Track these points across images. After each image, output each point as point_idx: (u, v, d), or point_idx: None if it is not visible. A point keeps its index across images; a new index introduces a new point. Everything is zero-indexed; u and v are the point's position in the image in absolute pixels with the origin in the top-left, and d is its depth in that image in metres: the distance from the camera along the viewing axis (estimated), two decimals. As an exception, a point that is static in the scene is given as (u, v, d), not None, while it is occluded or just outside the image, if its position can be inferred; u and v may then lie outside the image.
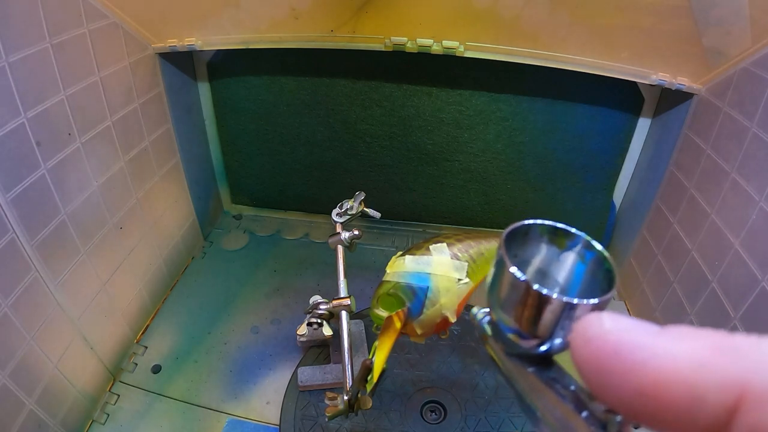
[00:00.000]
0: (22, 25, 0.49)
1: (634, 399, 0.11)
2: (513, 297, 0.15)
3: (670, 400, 0.10)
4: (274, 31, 0.72)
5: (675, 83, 0.67)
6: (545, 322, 0.15)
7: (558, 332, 0.15)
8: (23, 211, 0.51)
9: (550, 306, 0.15)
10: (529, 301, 0.15)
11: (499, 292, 0.16)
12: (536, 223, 0.17)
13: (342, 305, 0.57)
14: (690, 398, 0.10)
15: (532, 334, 0.15)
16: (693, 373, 0.10)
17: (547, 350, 0.16)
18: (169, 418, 0.65)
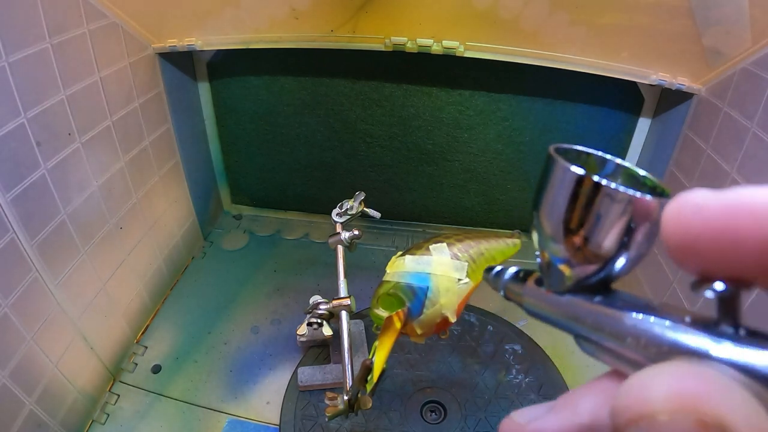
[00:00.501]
0: (22, 25, 0.49)
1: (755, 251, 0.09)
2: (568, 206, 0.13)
3: None
4: (274, 31, 0.72)
5: (675, 83, 0.67)
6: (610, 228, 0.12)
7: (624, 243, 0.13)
8: (23, 211, 0.51)
9: (617, 204, 0.12)
10: (590, 201, 0.12)
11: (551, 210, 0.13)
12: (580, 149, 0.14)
13: (342, 305, 0.57)
14: None
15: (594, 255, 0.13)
16: None
17: (611, 272, 0.13)
18: (169, 418, 0.65)
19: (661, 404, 0.09)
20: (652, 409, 0.09)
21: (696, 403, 0.09)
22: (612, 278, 0.14)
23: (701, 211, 0.10)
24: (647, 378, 0.10)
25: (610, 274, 0.13)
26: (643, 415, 0.09)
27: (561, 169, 0.13)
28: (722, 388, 0.09)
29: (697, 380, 0.09)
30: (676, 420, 0.09)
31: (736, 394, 0.09)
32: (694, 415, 0.09)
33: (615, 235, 0.12)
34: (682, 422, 0.09)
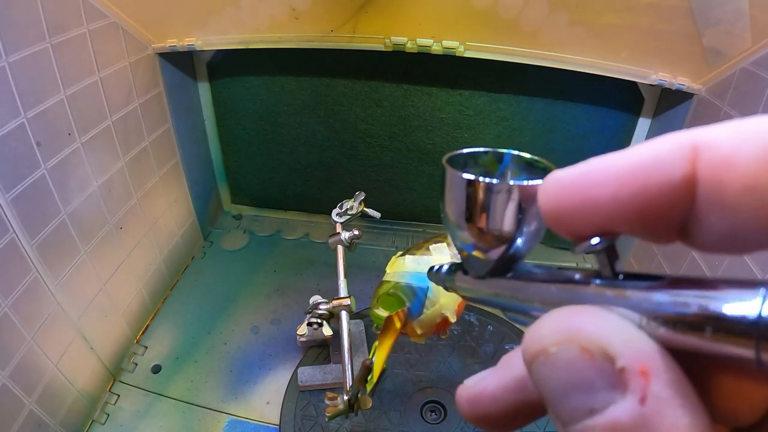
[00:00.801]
0: (22, 25, 0.49)
1: (616, 199, 0.11)
2: (466, 204, 0.15)
3: (646, 179, 0.11)
4: (274, 31, 0.72)
5: (675, 83, 0.67)
6: (509, 214, 0.15)
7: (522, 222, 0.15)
8: (23, 211, 0.51)
9: (501, 194, 0.15)
10: (480, 197, 0.15)
11: (453, 209, 0.16)
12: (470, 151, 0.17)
13: (342, 305, 0.57)
14: (660, 166, 0.11)
15: (495, 239, 0.15)
16: (654, 150, 0.11)
17: (516, 250, 0.16)
18: (169, 418, 0.65)
19: (550, 339, 0.11)
20: (544, 345, 0.11)
21: (577, 334, 0.11)
22: (521, 255, 0.16)
23: (560, 182, 0.12)
24: (541, 322, 0.12)
25: (518, 252, 0.16)
26: (540, 351, 0.11)
27: (450, 174, 0.15)
28: (599, 319, 0.11)
29: (578, 316, 0.12)
30: (564, 350, 0.11)
31: (611, 321, 0.11)
32: (577, 343, 0.11)
33: (509, 218, 0.15)
34: (569, 351, 0.11)
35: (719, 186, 0.10)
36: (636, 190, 0.11)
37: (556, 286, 0.13)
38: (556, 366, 0.11)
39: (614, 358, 0.11)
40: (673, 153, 0.11)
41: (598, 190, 0.11)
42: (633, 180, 0.11)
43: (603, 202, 0.11)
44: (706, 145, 0.10)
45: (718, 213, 0.10)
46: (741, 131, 0.10)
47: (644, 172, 0.11)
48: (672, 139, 0.11)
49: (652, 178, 0.11)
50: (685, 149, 0.11)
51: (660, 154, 0.11)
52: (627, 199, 0.11)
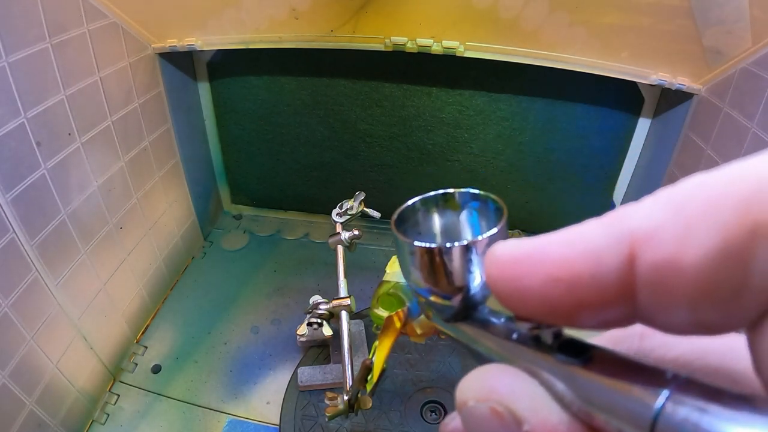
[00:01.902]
0: (22, 25, 0.49)
1: (549, 294, 0.11)
2: (420, 265, 0.16)
3: (575, 277, 0.10)
4: (274, 31, 0.72)
5: (675, 83, 0.67)
6: (456, 272, 0.15)
7: (471, 277, 0.15)
8: (23, 211, 0.51)
9: (451, 256, 0.15)
10: (432, 260, 0.15)
11: (410, 268, 0.16)
12: (417, 199, 0.17)
13: (342, 305, 0.57)
14: (590, 266, 0.10)
15: (452, 291, 0.16)
16: (586, 244, 0.10)
17: (472, 298, 0.16)
18: (169, 418, 0.65)
19: (470, 394, 0.12)
20: (466, 398, 0.12)
21: (490, 394, 0.12)
22: (477, 302, 0.16)
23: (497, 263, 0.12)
24: (469, 375, 0.13)
25: (474, 298, 0.16)
26: (463, 402, 0.12)
27: (405, 247, 0.16)
28: (517, 383, 0.12)
29: (498, 377, 0.12)
30: (479, 407, 0.12)
31: (527, 387, 0.12)
32: (489, 403, 0.12)
33: (461, 271, 0.15)
34: (481, 408, 0.12)
35: (664, 291, 0.09)
36: (566, 291, 0.10)
37: (502, 341, 0.14)
38: (473, 419, 0.12)
39: (521, 422, 0.11)
40: (607, 251, 0.10)
41: (530, 283, 0.11)
42: (564, 278, 0.10)
43: (534, 296, 0.11)
44: (644, 242, 0.09)
45: (664, 316, 0.10)
46: (686, 219, 0.09)
47: (575, 270, 0.10)
48: (607, 231, 0.10)
49: (584, 279, 0.10)
50: (622, 245, 0.10)
51: (593, 250, 0.10)
52: (558, 298, 0.11)
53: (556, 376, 0.12)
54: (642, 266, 0.10)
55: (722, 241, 0.08)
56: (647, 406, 0.09)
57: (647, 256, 0.09)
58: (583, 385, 0.11)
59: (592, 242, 0.10)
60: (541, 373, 0.12)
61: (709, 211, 0.09)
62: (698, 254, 0.09)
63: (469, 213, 0.17)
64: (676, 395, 0.09)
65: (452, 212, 0.18)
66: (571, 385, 0.11)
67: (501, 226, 0.15)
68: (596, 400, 0.11)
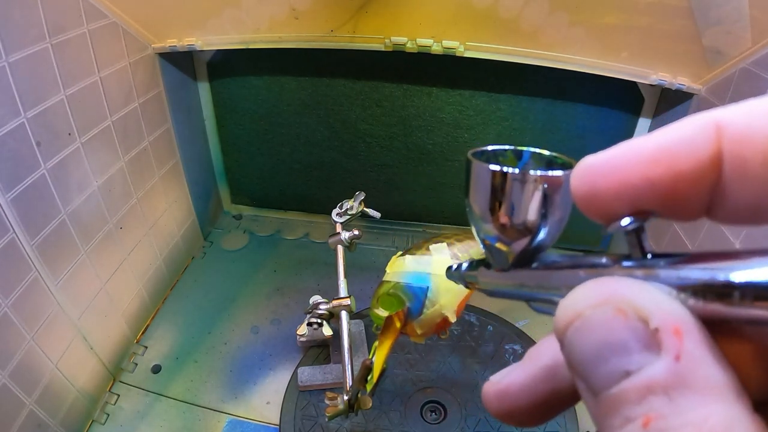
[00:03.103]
0: (22, 25, 0.49)
1: (649, 177, 0.12)
2: (491, 196, 0.15)
3: (673, 155, 0.12)
4: (274, 31, 0.72)
5: (675, 83, 0.67)
6: (534, 204, 0.15)
7: (547, 213, 0.15)
8: (23, 211, 0.51)
9: (524, 185, 0.15)
10: (505, 188, 0.15)
11: (477, 201, 0.16)
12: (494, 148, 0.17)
13: (342, 305, 0.57)
14: (686, 143, 0.12)
15: (519, 231, 0.15)
16: (680, 131, 0.12)
17: (540, 241, 0.16)
18: (169, 418, 0.65)
19: (585, 303, 0.12)
20: (579, 310, 0.12)
21: (612, 296, 0.12)
22: (545, 246, 0.16)
23: (592, 165, 0.13)
24: (575, 291, 0.12)
25: (542, 243, 0.16)
26: (575, 316, 0.12)
27: (476, 166, 0.16)
28: (632, 285, 0.12)
29: (612, 283, 0.12)
30: (599, 312, 0.11)
31: (643, 287, 0.12)
32: (612, 305, 0.11)
33: (533, 209, 0.15)
34: (604, 312, 0.11)
35: (742, 161, 0.11)
36: (666, 170, 0.12)
37: (584, 270, 0.14)
38: (591, 328, 0.11)
39: (648, 318, 0.11)
40: (699, 133, 0.11)
41: (630, 171, 0.12)
42: (663, 160, 0.12)
43: (635, 183, 0.12)
44: (728, 123, 0.11)
45: (741, 186, 0.11)
46: (758, 109, 0.11)
47: (673, 152, 0.12)
48: (696, 120, 0.12)
49: (681, 157, 0.12)
50: (710, 129, 0.11)
51: (687, 135, 0.12)
52: (658, 179, 0.12)
53: (666, 279, 0.12)
54: (726, 142, 0.11)
55: None
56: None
57: (730, 133, 0.11)
58: (693, 276, 0.11)
59: (685, 129, 0.12)
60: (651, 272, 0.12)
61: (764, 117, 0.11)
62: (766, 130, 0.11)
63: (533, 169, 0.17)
64: None
65: None
66: (685, 280, 0.11)
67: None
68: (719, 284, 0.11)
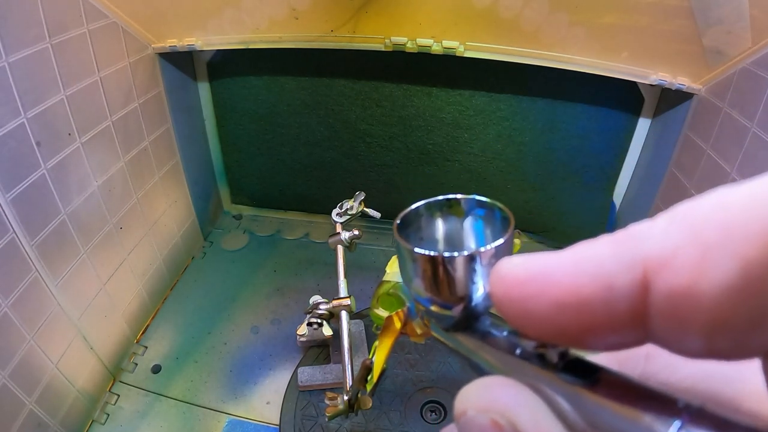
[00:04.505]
0: (22, 25, 0.49)
1: (553, 318, 0.10)
2: (422, 272, 0.15)
3: (585, 302, 0.10)
4: (274, 31, 0.72)
5: (675, 83, 0.67)
6: (459, 282, 0.15)
7: (474, 287, 0.15)
8: (23, 211, 0.51)
9: (454, 265, 0.15)
10: (435, 269, 0.15)
11: (411, 275, 0.16)
12: (421, 204, 0.17)
13: (342, 305, 0.57)
14: (601, 291, 0.10)
15: (454, 300, 0.15)
16: (596, 268, 0.10)
17: (473, 308, 0.16)
18: (169, 418, 0.65)
19: (470, 403, 0.12)
20: (466, 407, 0.12)
21: (492, 405, 0.12)
22: (479, 312, 0.16)
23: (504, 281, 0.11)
24: (470, 385, 0.13)
25: (476, 309, 0.16)
26: (462, 411, 0.12)
27: (408, 254, 0.15)
28: (520, 397, 0.12)
29: (501, 388, 0.12)
30: (480, 418, 0.12)
31: (531, 402, 0.11)
32: (489, 414, 0.12)
33: (464, 281, 0.15)
34: (480, 419, 0.12)
35: (679, 320, 0.09)
36: (575, 316, 0.10)
37: (504, 355, 0.14)
38: (472, 429, 0.12)
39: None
40: (619, 276, 0.09)
41: (536, 306, 0.11)
42: (572, 303, 0.10)
43: (541, 319, 0.11)
44: (658, 268, 0.09)
45: (679, 342, 0.09)
46: (704, 245, 0.08)
47: (585, 296, 0.10)
48: (619, 253, 0.10)
49: (594, 305, 0.10)
50: (635, 271, 0.09)
51: (604, 275, 0.10)
52: (566, 323, 0.10)
53: (561, 396, 0.11)
54: (656, 294, 0.09)
55: (742, 271, 0.08)
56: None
57: (662, 284, 0.09)
58: (589, 407, 0.11)
59: (602, 266, 0.10)
60: (546, 391, 0.12)
61: (729, 237, 0.08)
62: (716, 285, 0.08)
63: (474, 220, 0.17)
64: (688, 426, 0.09)
65: (456, 218, 0.17)
66: (576, 406, 0.11)
67: (507, 237, 0.15)
68: (603, 425, 0.10)
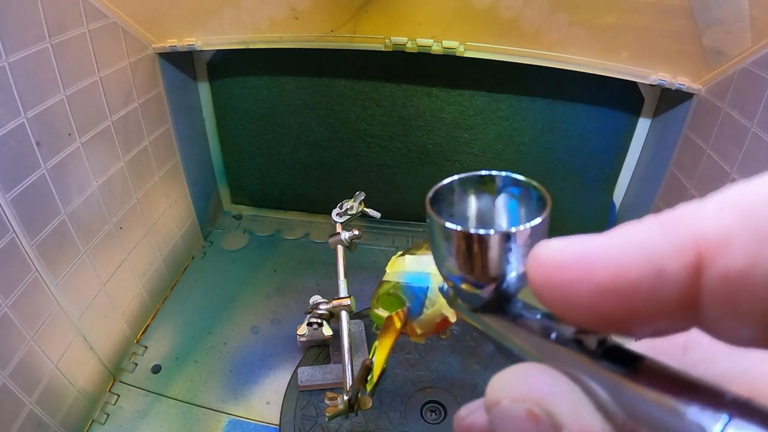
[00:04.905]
0: (22, 25, 0.49)
1: (597, 305, 0.10)
2: (454, 250, 0.15)
3: (632, 287, 0.09)
4: (274, 31, 0.72)
5: (675, 83, 0.67)
6: (492, 261, 0.14)
7: (508, 268, 0.15)
8: (23, 211, 0.51)
9: (489, 244, 0.14)
10: (468, 247, 0.14)
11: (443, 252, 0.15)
12: (455, 178, 0.17)
13: (342, 305, 0.57)
14: (650, 276, 0.09)
15: (486, 280, 0.15)
16: (645, 250, 0.09)
17: (505, 290, 0.15)
18: (169, 418, 0.65)
19: (505, 392, 0.12)
20: (499, 396, 0.12)
21: (529, 394, 0.11)
22: (511, 293, 0.15)
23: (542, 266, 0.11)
24: (503, 373, 0.12)
25: (507, 290, 0.15)
26: (495, 401, 0.12)
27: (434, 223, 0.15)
28: (558, 386, 0.11)
29: (538, 377, 0.11)
30: (516, 407, 0.11)
31: (569, 391, 0.11)
32: (526, 404, 0.11)
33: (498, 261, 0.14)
34: (518, 409, 0.11)
35: (734, 305, 0.08)
36: (621, 301, 0.09)
37: (538, 340, 0.13)
38: (506, 419, 0.11)
39: (560, 427, 0.10)
40: (670, 259, 0.09)
41: (579, 291, 0.10)
42: (619, 288, 0.09)
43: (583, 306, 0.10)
44: (714, 251, 0.08)
45: (732, 329, 0.09)
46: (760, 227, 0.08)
47: (632, 280, 0.09)
48: (669, 234, 0.09)
49: (642, 289, 0.09)
50: (687, 253, 0.09)
51: (654, 258, 0.09)
52: (611, 309, 0.10)
53: (601, 385, 0.11)
54: (710, 278, 0.09)
55: None
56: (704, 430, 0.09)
57: (717, 268, 0.08)
58: (630, 397, 0.10)
59: (652, 248, 0.09)
60: (584, 379, 0.11)
61: None
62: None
63: (508, 198, 0.16)
64: (736, 420, 0.09)
65: (489, 196, 0.17)
66: (617, 396, 0.10)
67: (545, 217, 0.14)
68: (645, 416, 0.10)
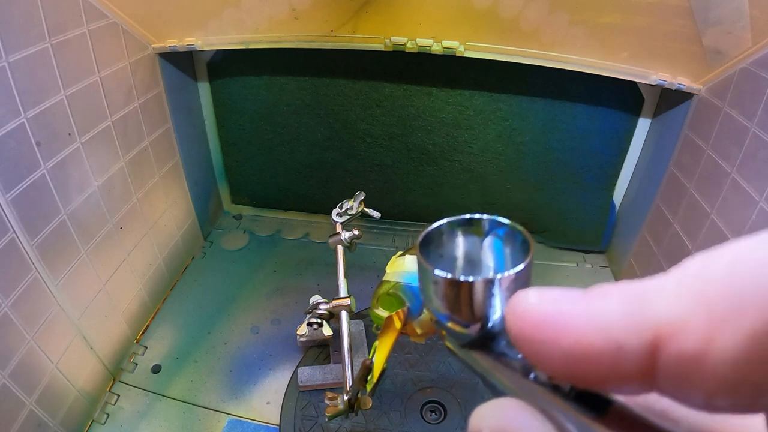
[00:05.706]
0: (22, 25, 0.49)
1: (565, 364, 0.11)
2: (442, 293, 0.16)
3: (594, 356, 0.10)
4: (274, 31, 0.72)
5: (675, 83, 0.67)
6: (477, 304, 0.15)
7: (491, 310, 0.15)
8: (23, 211, 0.51)
9: (474, 289, 0.15)
10: (456, 292, 0.15)
11: (431, 294, 0.17)
12: (444, 222, 0.17)
13: (342, 305, 0.57)
14: (610, 350, 0.10)
15: (472, 320, 0.16)
16: (606, 327, 0.10)
17: (490, 329, 0.16)
18: (169, 418, 0.65)
19: (486, 423, 0.13)
20: (480, 427, 0.13)
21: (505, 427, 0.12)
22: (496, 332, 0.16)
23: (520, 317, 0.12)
24: (486, 405, 0.13)
25: (493, 329, 0.16)
26: (477, 430, 0.13)
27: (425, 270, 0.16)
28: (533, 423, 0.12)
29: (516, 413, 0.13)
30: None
31: (539, 426, 0.12)
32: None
33: (482, 305, 0.15)
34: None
35: (687, 382, 0.09)
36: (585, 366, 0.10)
37: (518, 378, 0.14)
38: None
39: None
40: (629, 339, 0.10)
41: (550, 350, 0.11)
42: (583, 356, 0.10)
43: (554, 362, 0.11)
44: (669, 334, 0.09)
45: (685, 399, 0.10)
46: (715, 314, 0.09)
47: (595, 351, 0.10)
48: (630, 315, 0.10)
49: (603, 361, 0.10)
50: (645, 335, 0.10)
51: (615, 336, 0.10)
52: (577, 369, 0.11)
53: (572, 424, 0.12)
54: (665, 358, 0.09)
55: (751, 341, 0.08)
56: None
57: (671, 350, 0.09)
58: None
59: (613, 325, 0.10)
60: (557, 417, 0.12)
61: (739, 310, 0.08)
62: (726, 353, 0.08)
63: (494, 240, 0.17)
64: None
65: (476, 237, 0.18)
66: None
67: (527, 263, 0.15)
68: None
